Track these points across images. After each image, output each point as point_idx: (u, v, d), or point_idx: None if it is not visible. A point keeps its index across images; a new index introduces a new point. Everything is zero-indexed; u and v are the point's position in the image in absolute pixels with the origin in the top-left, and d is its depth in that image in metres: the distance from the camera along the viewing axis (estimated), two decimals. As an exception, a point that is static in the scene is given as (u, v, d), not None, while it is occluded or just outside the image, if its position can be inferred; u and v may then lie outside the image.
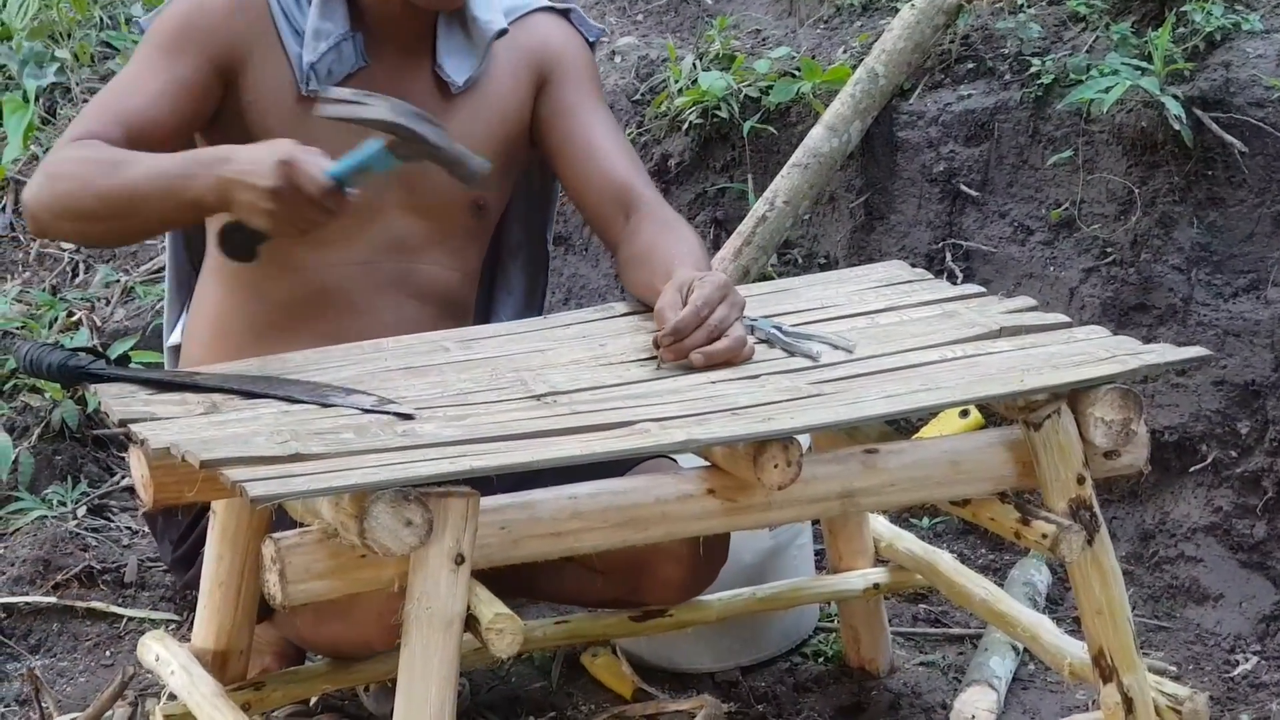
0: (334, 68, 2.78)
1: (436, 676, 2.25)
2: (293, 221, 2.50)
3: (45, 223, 2.68)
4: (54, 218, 2.65)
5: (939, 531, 3.66)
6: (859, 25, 4.19)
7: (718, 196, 4.03)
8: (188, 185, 2.55)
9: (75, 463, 3.81)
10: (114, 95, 2.75)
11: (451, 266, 2.90)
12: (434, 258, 2.87)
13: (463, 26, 2.86)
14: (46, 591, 3.47)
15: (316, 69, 2.77)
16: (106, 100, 2.75)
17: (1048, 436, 2.50)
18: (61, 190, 2.62)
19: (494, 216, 2.97)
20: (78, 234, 2.77)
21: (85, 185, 2.60)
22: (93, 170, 2.61)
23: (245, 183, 2.49)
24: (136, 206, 2.59)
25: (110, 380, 2.53)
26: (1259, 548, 3.45)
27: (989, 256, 3.77)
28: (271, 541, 2.28)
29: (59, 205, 2.63)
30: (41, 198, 2.65)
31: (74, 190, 2.61)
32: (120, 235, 2.77)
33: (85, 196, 2.60)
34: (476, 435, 2.30)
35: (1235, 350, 3.50)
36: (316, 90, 2.74)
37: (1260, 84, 3.56)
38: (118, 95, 2.74)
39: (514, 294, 3.07)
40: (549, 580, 2.83)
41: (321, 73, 2.77)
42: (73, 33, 4.91)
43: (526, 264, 3.09)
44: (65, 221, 2.66)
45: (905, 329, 2.71)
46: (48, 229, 2.74)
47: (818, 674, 3.23)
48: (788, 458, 2.34)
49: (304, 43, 2.77)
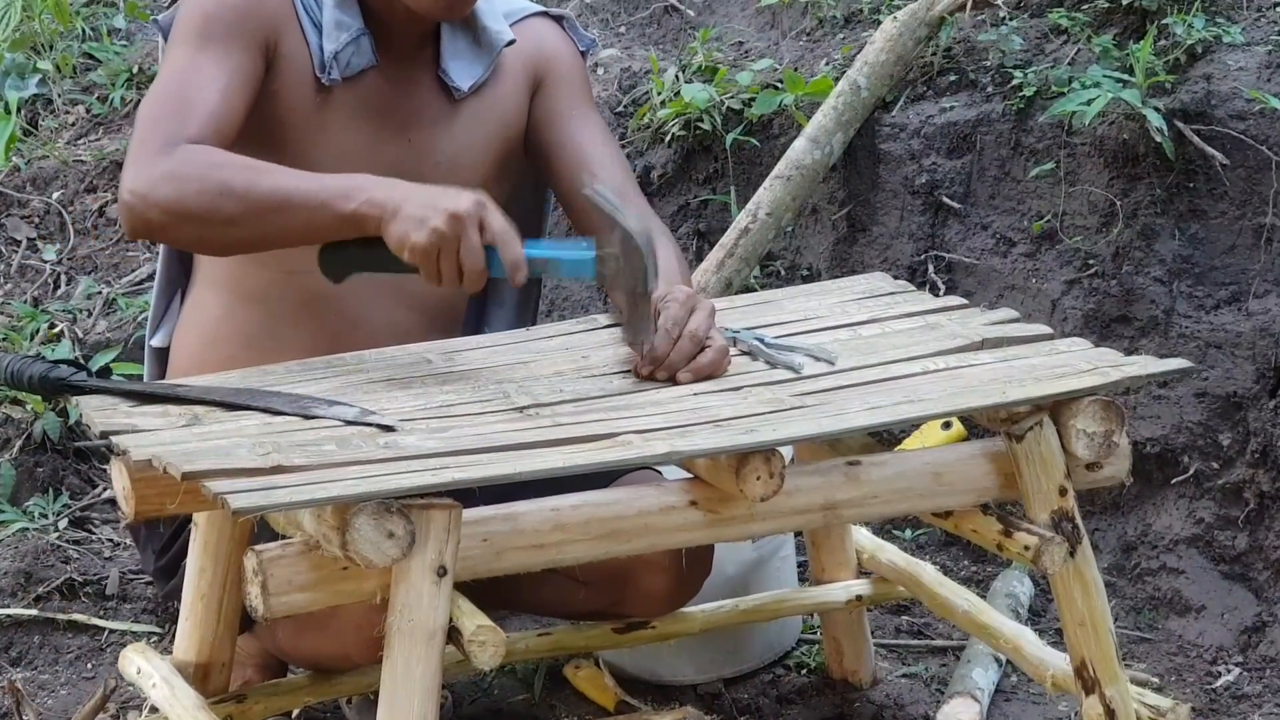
0: (353, 60, 2.78)
1: (419, 688, 2.24)
2: (438, 273, 2.48)
3: (160, 225, 2.59)
4: (176, 219, 2.57)
5: (921, 543, 3.66)
6: (841, 37, 4.19)
7: (700, 208, 4.04)
8: (350, 196, 2.51)
9: (57, 475, 3.80)
10: (185, 93, 2.67)
11: None
12: None
13: (468, 33, 2.87)
14: (28, 604, 3.46)
15: (339, 58, 2.77)
16: (180, 96, 2.67)
17: (1030, 448, 2.50)
18: (193, 191, 2.55)
19: None
20: (197, 239, 2.65)
21: (225, 189, 2.55)
22: (229, 174, 2.56)
23: (408, 213, 2.46)
24: (283, 213, 2.54)
25: (91, 392, 2.53)
26: (1241, 559, 3.46)
27: (971, 268, 3.78)
28: (253, 554, 2.28)
29: (186, 207, 2.55)
30: (161, 198, 2.56)
31: (207, 192, 2.55)
32: (252, 243, 2.64)
33: (222, 199, 2.54)
34: (459, 447, 2.30)
35: (1217, 362, 3.51)
36: (336, 80, 2.75)
37: (1241, 96, 3.57)
38: (189, 89, 2.67)
39: (505, 306, 3.07)
40: (532, 592, 2.82)
41: (343, 63, 2.77)
42: (54, 44, 4.90)
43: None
44: (190, 225, 2.58)
45: (888, 341, 2.72)
46: (162, 230, 2.62)
47: (800, 686, 3.23)
48: (770, 469, 2.34)
49: (324, 33, 2.77)
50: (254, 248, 2.66)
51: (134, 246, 4.35)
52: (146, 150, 2.61)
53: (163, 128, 2.63)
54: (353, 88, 2.79)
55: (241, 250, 2.69)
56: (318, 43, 2.77)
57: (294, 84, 2.77)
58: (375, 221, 2.50)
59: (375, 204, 2.50)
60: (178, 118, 2.63)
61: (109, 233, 4.41)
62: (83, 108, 4.77)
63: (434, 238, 2.45)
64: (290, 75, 2.77)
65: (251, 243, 2.63)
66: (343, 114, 2.76)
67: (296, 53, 2.77)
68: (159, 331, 2.99)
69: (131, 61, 4.82)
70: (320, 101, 2.77)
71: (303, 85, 2.77)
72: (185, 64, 2.70)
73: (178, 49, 2.73)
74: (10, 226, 4.46)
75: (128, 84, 4.74)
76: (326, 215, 2.53)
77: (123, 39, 4.99)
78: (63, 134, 4.69)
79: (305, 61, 2.77)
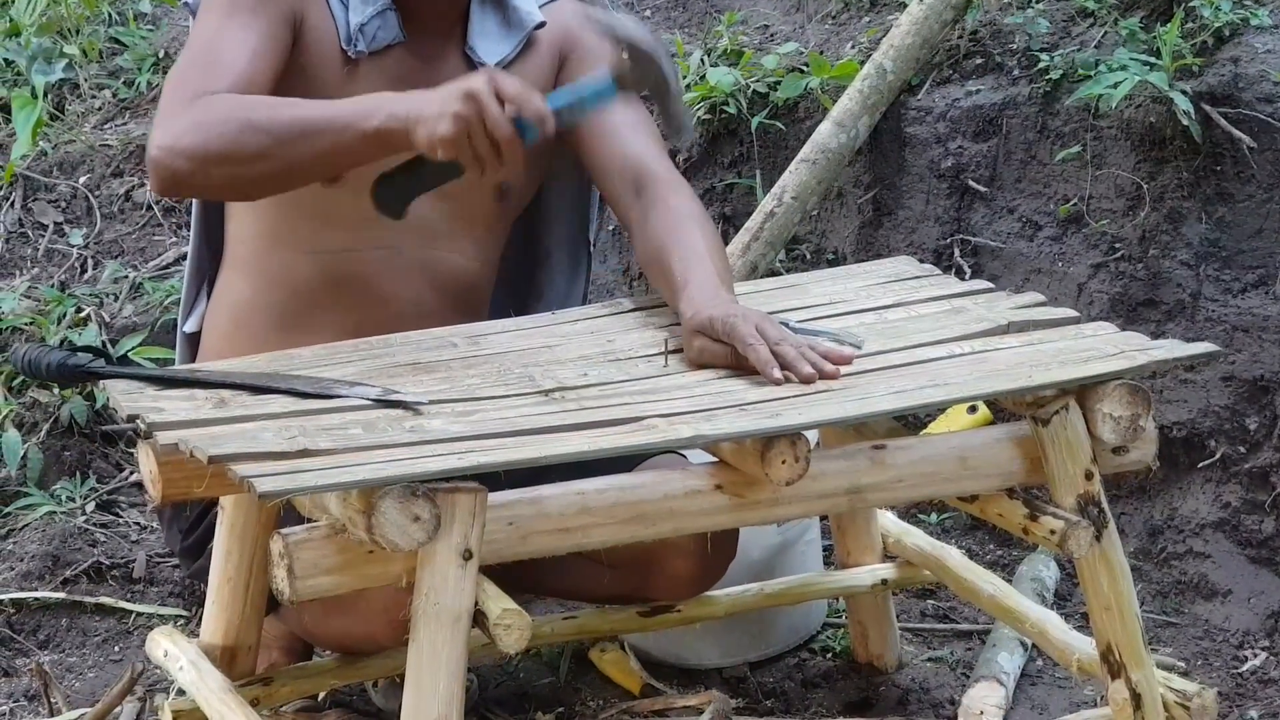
0: (379, 34, 2.79)
1: (444, 672, 2.25)
2: (477, 156, 2.47)
3: (187, 172, 2.58)
4: (204, 164, 2.57)
5: (947, 527, 3.66)
6: (867, 21, 4.19)
7: (726, 192, 4.03)
8: (371, 115, 2.51)
9: (84, 459, 3.82)
10: (212, 52, 2.68)
11: (472, 255, 2.89)
12: (456, 245, 2.87)
13: (498, 12, 2.87)
14: (55, 587, 3.47)
15: (365, 30, 2.77)
16: (207, 58, 2.68)
17: (1056, 432, 2.50)
18: (216, 134, 2.56)
19: (516, 206, 2.96)
20: (229, 180, 2.62)
21: (248, 125, 2.55)
22: (251, 112, 2.57)
23: (429, 112, 2.46)
24: (309, 140, 2.54)
25: (108, 378, 2.53)
26: (1267, 543, 3.45)
27: (997, 252, 3.77)
28: (279, 537, 2.28)
29: (211, 149, 2.56)
30: (186, 146, 2.56)
31: (231, 132, 2.55)
32: (280, 177, 2.62)
33: (248, 135, 2.55)
34: (484, 431, 2.30)
35: (1244, 346, 3.50)
36: (362, 51, 2.76)
37: (1269, 79, 3.56)
38: (217, 52, 2.68)
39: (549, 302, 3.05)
40: (557, 576, 2.83)
41: (369, 35, 2.78)
42: (81, 29, 4.91)
43: (566, 267, 3.08)
44: (218, 166, 2.57)
45: (913, 324, 2.71)
46: (190, 178, 2.60)
47: (826, 669, 3.23)
48: (795, 453, 2.34)
49: (350, 5, 2.78)
50: (286, 183, 2.65)
51: (160, 231, 4.36)
52: (171, 108, 2.62)
53: (189, 86, 2.64)
54: (379, 62, 2.80)
55: (274, 188, 2.67)
56: (344, 16, 2.78)
57: (319, 57, 2.77)
58: (400, 134, 2.50)
59: (396, 117, 2.50)
60: (204, 78, 2.64)
61: (136, 217, 4.42)
62: (109, 92, 4.77)
63: (458, 124, 2.44)
64: (316, 49, 2.77)
65: (281, 176, 2.62)
66: (368, 88, 2.76)
67: (322, 26, 2.78)
68: (190, 318, 3.00)
69: (158, 46, 4.83)
70: (346, 75, 2.78)
71: (328, 59, 2.78)
72: (213, 31, 2.71)
73: (205, 18, 2.74)
74: (37, 211, 4.47)
75: (154, 68, 4.75)
76: (351, 136, 2.53)
77: (149, 23, 5.00)
78: (89, 118, 4.70)
79: (331, 35, 2.78)
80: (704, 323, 2.54)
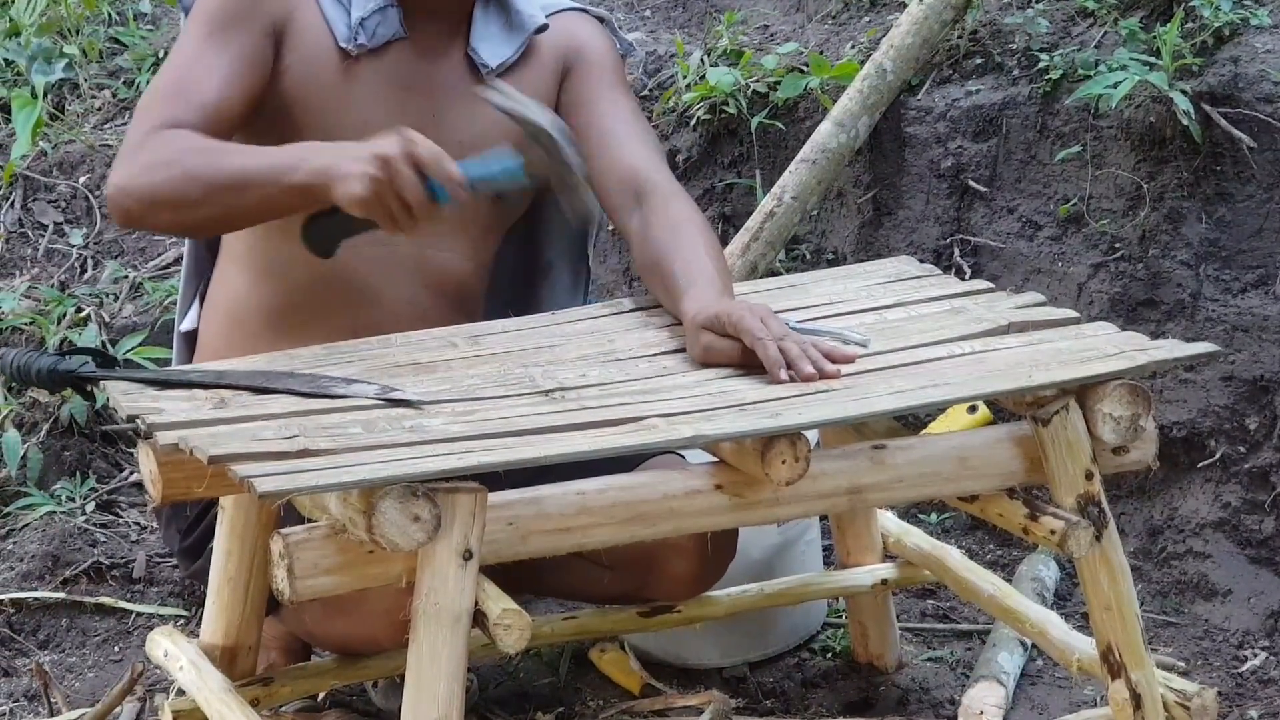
0: (380, 29, 2.79)
1: (444, 672, 2.25)
2: (390, 215, 2.50)
3: (138, 213, 2.66)
4: (151, 207, 2.64)
5: (947, 527, 3.66)
6: (867, 21, 4.19)
7: (725, 192, 4.03)
8: (296, 169, 2.55)
9: (84, 458, 3.82)
10: (183, 78, 2.72)
11: (466, 256, 2.90)
12: (451, 246, 2.87)
13: (501, 15, 2.87)
14: (55, 587, 3.47)
15: (365, 24, 2.78)
16: (177, 84, 2.72)
17: (1056, 432, 2.50)
18: (160, 179, 2.62)
19: (512, 209, 2.96)
20: (174, 223, 2.74)
21: (188, 173, 2.60)
22: (194, 159, 2.61)
23: (344, 171, 2.49)
24: (242, 192, 2.59)
25: (99, 382, 2.53)
26: (1267, 543, 3.45)
27: (997, 252, 3.77)
28: (279, 537, 2.28)
29: (158, 194, 2.62)
30: (136, 188, 2.63)
31: (174, 178, 2.61)
32: (220, 222, 2.71)
33: (188, 184, 2.60)
34: (484, 431, 2.31)
35: (1244, 345, 3.50)
36: (363, 46, 2.77)
37: (1269, 79, 3.56)
38: (187, 79, 2.72)
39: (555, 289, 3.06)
40: (557, 576, 2.83)
41: (369, 30, 2.78)
42: (81, 29, 4.91)
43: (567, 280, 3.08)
44: (163, 211, 2.64)
45: (913, 324, 2.71)
46: (140, 219, 2.71)
47: (825, 669, 3.23)
48: (795, 453, 2.34)
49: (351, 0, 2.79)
50: (227, 226, 2.75)
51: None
52: (132, 141, 2.69)
53: (154, 116, 2.69)
54: (378, 59, 2.80)
55: (216, 230, 2.78)
56: (341, 15, 2.78)
57: (314, 58, 2.77)
58: (322, 189, 2.53)
59: (317, 171, 2.53)
60: (171, 108, 2.69)
61: (135, 217, 4.42)
62: (109, 92, 4.78)
63: (371, 185, 2.48)
64: (309, 50, 2.77)
65: (221, 221, 2.70)
66: (367, 86, 2.76)
67: (315, 26, 2.78)
68: (187, 317, 3.00)
69: (157, 46, 4.83)
70: (344, 72, 2.78)
71: (324, 57, 2.78)
72: (188, 55, 2.75)
73: (185, 35, 2.78)
74: (37, 211, 4.48)
75: (154, 69, 4.75)
76: (279, 189, 2.57)
77: (149, 23, 5.00)
78: (89, 118, 4.71)
79: (325, 34, 2.78)
80: (710, 318, 2.55)
